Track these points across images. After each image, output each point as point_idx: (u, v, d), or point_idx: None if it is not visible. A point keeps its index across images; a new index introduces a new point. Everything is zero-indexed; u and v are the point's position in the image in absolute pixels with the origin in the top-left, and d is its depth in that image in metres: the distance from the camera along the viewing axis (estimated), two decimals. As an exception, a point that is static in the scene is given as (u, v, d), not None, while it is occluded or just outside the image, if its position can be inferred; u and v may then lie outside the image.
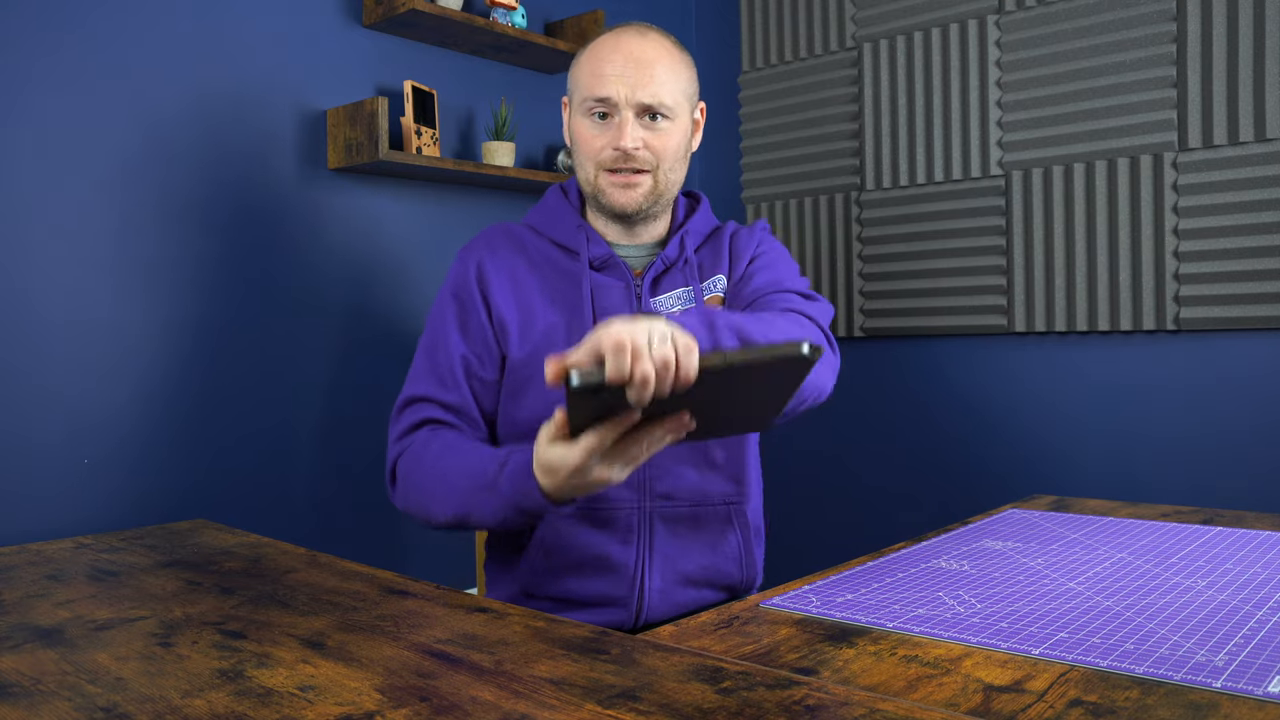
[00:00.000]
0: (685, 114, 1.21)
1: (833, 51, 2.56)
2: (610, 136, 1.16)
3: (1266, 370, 1.99)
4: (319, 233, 1.99)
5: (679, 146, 1.20)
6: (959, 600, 0.89)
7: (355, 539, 2.02)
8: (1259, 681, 0.67)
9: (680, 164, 1.22)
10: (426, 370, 1.20)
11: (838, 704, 0.61)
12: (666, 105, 1.16)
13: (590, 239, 1.22)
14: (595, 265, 1.22)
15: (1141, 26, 2.08)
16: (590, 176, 1.20)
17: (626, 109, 1.15)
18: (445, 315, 1.22)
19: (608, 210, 1.21)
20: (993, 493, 2.33)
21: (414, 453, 1.14)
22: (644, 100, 1.15)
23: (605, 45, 1.17)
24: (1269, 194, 1.94)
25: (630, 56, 1.15)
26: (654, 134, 1.17)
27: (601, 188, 1.19)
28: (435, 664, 0.70)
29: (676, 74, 1.18)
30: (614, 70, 1.15)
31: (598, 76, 1.15)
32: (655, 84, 1.15)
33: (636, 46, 1.16)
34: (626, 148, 1.15)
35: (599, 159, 1.18)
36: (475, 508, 1.04)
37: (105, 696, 0.64)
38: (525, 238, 1.26)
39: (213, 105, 1.83)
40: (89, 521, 1.65)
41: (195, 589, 0.94)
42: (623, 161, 1.17)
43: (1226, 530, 1.16)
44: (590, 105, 1.17)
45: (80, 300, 1.66)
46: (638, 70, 1.14)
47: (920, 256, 2.42)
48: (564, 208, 1.27)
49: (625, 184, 1.18)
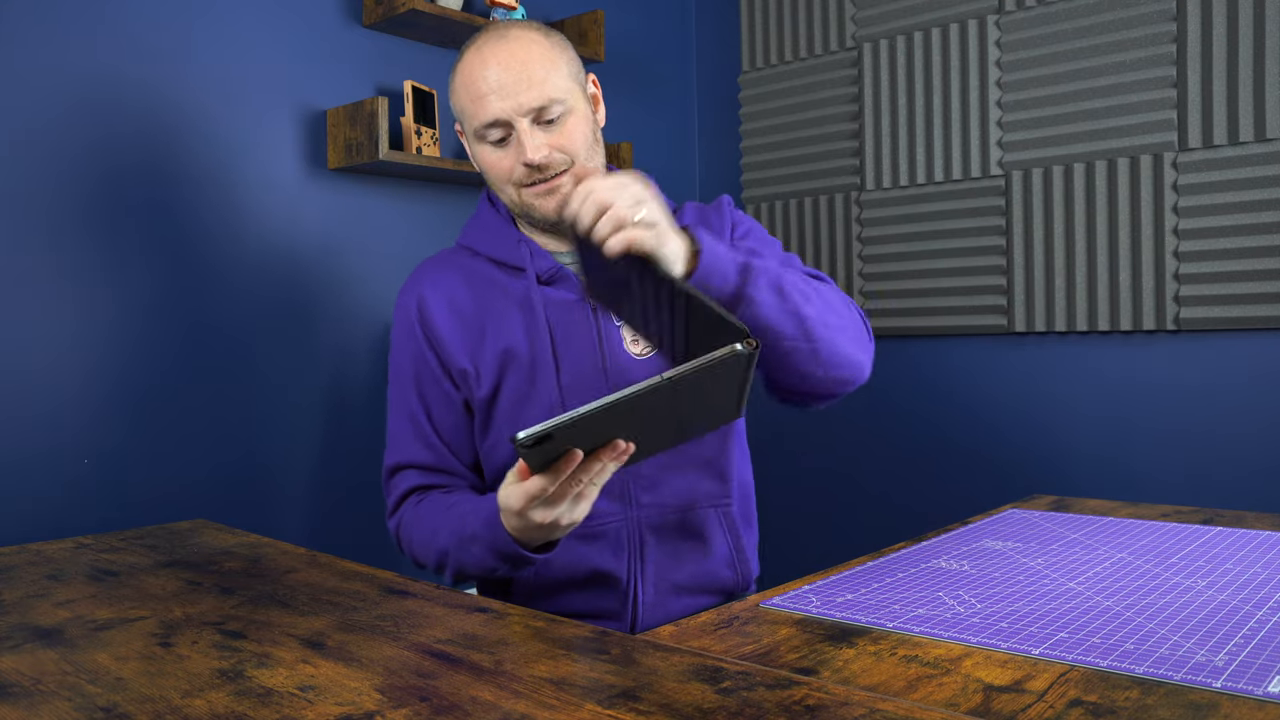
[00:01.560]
0: (579, 98, 1.12)
1: (833, 51, 2.56)
2: (515, 155, 1.09)
3: (1266, 370, 1.99)
4: (319, 233, 1.99)
5: (586, 133, 1.12)
6: (959, 600, 0.89)
7: (355, 539, 2.02)
8: (1259, 681, 0.67)
9: (595, 148, 1.14)
10: (398, 433, 1.19)
11: (838, 704, 0.61)
12: (557, 100, 1.08)
13: (533, 252, 1.16)
14: (543, 280, 1.16)
15: (1141, 26, 2.08)
16: (512, 197, 1.13)
17: (519, 119, 1.07)
18: (402, 372, 1.20)
19: (541, 223, 1.15)
20: (993, 493, 2.33)
21: (406, 524, 1.15)
22: (532, 104, 1.07)
23: (472, 64, 1.09)
24: (1269, 194, 1.94)
25: (501, 66, 1.07)
26: (556, 133, 1.09)
27: (527, 203, 1.12)
28: (435, 664, 0.70)
29: (554, 63, 1.09)
30: (490, 86, 1.07)
31: (478, 100, 1.08)
32: (533, 83, 1.07)
33: (503, 53, 1.08)
34: (534, 161, 1.07)
35: (513, 179, 1.11)
36: (466, 561, 1.05)
37: (105, 696, 0.64)
38: (464, 263, 1.20)
39: (213, 105, 1.83)
40: (89, 521, 1.65)
41: (195, 589, 0.94)
42: (537, 174, 1.09)
43: (1226, 530, 1.16)
44: (482, 132, 1.09)
45: (80, 300, 1.66)
46: (514, 77, 1.06)
47: (920, 256, 2.42)
48: (497, 222, 1.20)
49: (547, 191, 1.11)
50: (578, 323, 1.15)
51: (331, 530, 1.98)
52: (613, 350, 1.14)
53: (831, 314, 1.06)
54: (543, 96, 1.07)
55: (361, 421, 2.04)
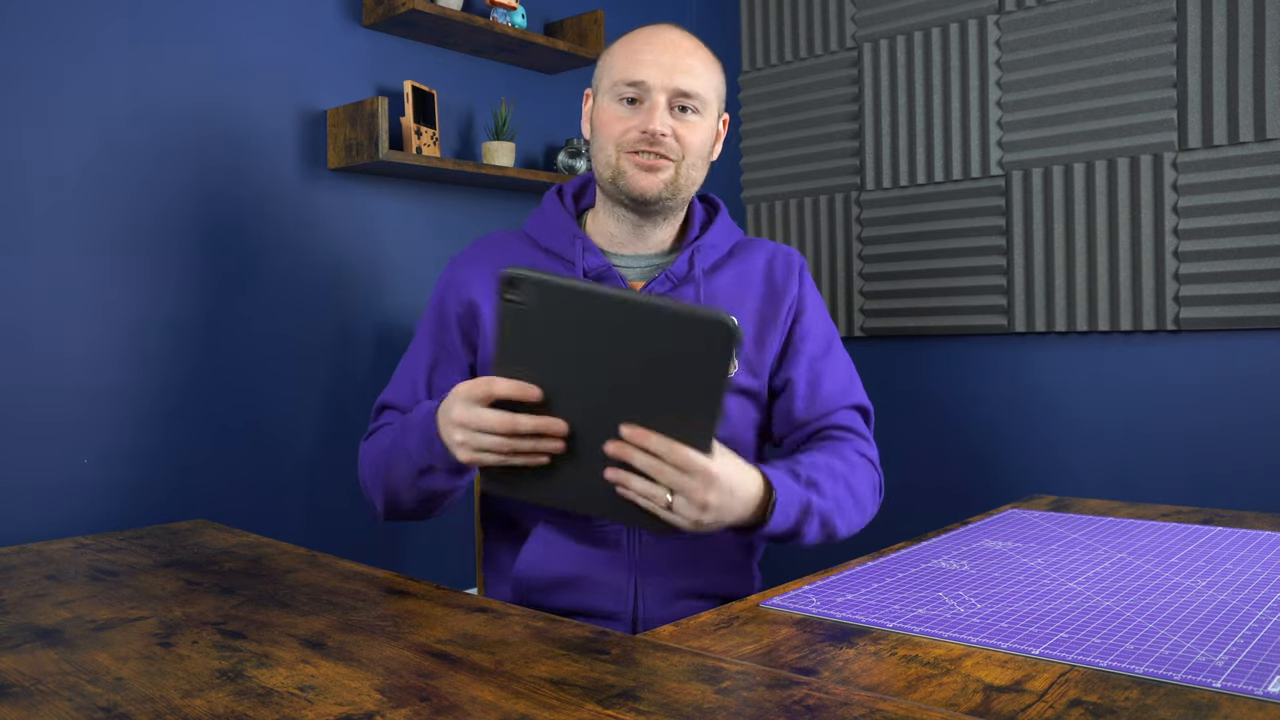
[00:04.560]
0: (713, 114, 1.17)
1: (833, 51, 2.56)
2: (639, 120, 1.12)
3: (1266, 370, 1.99)
4: (319, 233, 1.99)
5: (704, 144, 1.15)
6: (959, 600, 0.88)
7: (355, 539, 2.02)
8: (1259, 681, 0.67)
9: (702, 163, 1.17)
10: (400, 377, 1.21)
11: (838, 704, 0.61)
12: (700, 96, 1.13)
13: (586, 249, 1.17)
14: (590, 275, 1.17)
15: (1141, 26, 2.08)
16: (611, 159, 1.14)
17: (659, 94, 1.11)
18: (424, 326, 1.22)
19: (626, 194, 1.14)
20: (993, 493, 2.33)
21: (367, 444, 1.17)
22: (679, 86, 1.11)
23: (642, 34, 1.15)
24: (1269, 194, 1.94)
25: (668, 45, 1.13)
26: (683, 125, 1.13)
27: (623, 169, 1.13)
28: (435, 664, 0.70)
29: (711, 71, 1.16)
30: (650, 56, 1.12)
31: (633, 61, 1.12)
32: (691, 73, 1.12)
33: (674, 37, 1.14)
34: (655, 130, 1.10)
35: (622, 140, 1.12)
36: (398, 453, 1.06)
37: (105, 696, 0.64)
38: (514, 248, 1.21)
39: (213, 105, 1.83)
40: (89, 521, 1.65)
41: (195, 589, 0.94)
42: (648, 144, 1.11)
43: (1226, 530, 1.16)
44: (621, 89, 1.12)
45: (80, 300, 1.66)
46: (675, 58, 1.12)
47: (920, 256, 2.42)
48: (559, 215, 1.21)
49: (649, 167, 1.12)
50: None
51: (331, 530, 1.98)
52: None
53: (858, 516, 1.13)
54: (690, 85, 1.12)
55: (362, 421, 2.04)
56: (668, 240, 1.21)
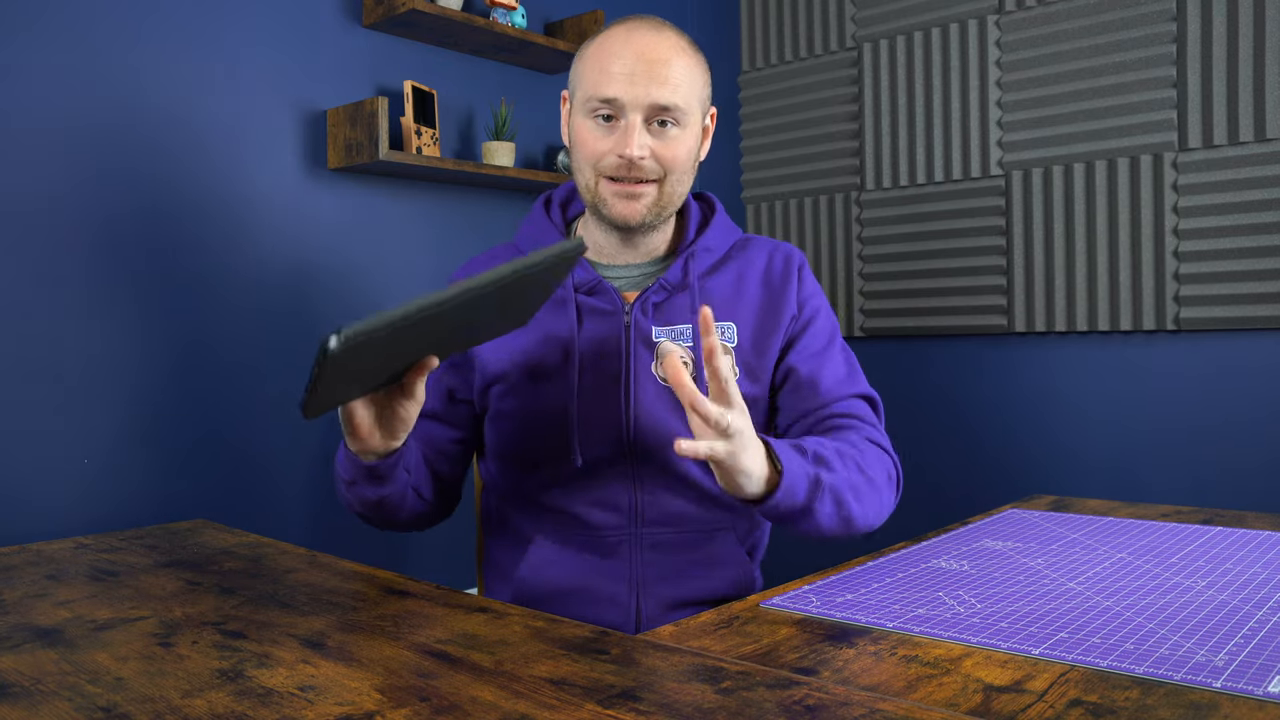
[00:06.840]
0: (696, 120, 1.09)
1: (833, 51, 2.56)
2: (614, 142, 1.05)
3: (1267, 370, 1.99)
4: (319, 233, 1.99)
5: (688, 155, 1.09)
6: (959, 600, 0.88)
7: (355, 539, 2.02)
8: (1259, 681, 0.67)
9: (688, 174, 1.11)
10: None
11: (838, 704, 0.61)
12: (679, 109, 1.05)
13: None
14: (581, 289, 1.13)
15: (1141, 26, 2.08)
16: (590, 183, 1.09)
17: (634, 112, 1.04)
18: None
19: (607, 221, 1.10)
20: (993, 493, 2.33)
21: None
22: (656, 100, 1.04)
23: (615, 39, 1.06)
24: (1269, 194, 1.94)
25: (642, 54, 1.04)
26: (662, 142, 1.06)
27: (602, 197, 1.08)
28: (435, 664, 0.70)
29: (691, 75, 1.07)
30: (623, 68, 1.03)
31: (605, 74, 1.04)
32: (668, 85, 1.04)
33: (650, 43, 1.05)
34: (632, 156, 1.04)
35: (600, 165, 1.07)
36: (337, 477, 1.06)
37: (105, 696, 0.64)
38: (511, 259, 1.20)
39: (213, 105, 1.83)
40: (89, 521, 1.65)
41: (195, 589, 0.94)
42: (626, 170, 1.05)
43: (1226, 530, 1.16)
44: (594, 105, 1.05)
45: (79, 301, 1.66)
46: (649, 69, 1.03)
47: (920, 256, 2.42)
48: (546, 226, 1.18)
49: (628, 194, 1.07)
50: (609, 336, 1.12)
51: (331, 530, 1.98)
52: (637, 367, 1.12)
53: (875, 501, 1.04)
54: (667, 99, 1.04)
55: (361, 421, 2.03)
56: (661, 246, 1.17)
